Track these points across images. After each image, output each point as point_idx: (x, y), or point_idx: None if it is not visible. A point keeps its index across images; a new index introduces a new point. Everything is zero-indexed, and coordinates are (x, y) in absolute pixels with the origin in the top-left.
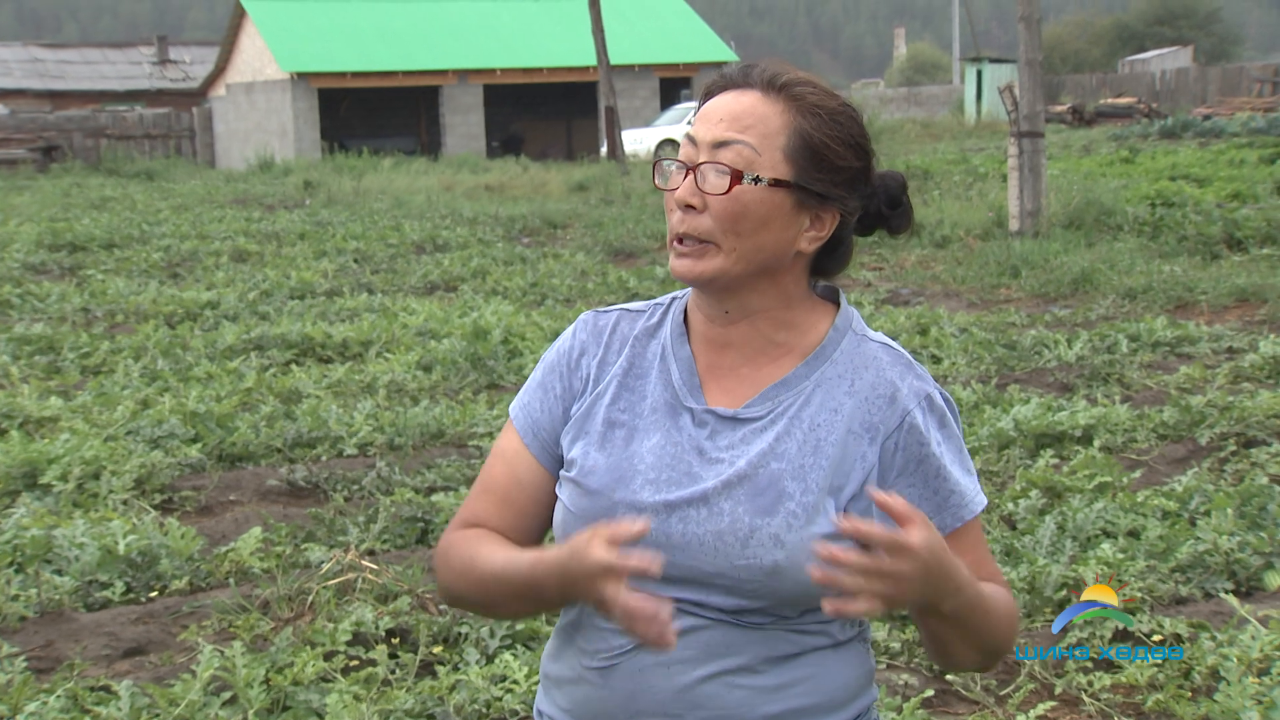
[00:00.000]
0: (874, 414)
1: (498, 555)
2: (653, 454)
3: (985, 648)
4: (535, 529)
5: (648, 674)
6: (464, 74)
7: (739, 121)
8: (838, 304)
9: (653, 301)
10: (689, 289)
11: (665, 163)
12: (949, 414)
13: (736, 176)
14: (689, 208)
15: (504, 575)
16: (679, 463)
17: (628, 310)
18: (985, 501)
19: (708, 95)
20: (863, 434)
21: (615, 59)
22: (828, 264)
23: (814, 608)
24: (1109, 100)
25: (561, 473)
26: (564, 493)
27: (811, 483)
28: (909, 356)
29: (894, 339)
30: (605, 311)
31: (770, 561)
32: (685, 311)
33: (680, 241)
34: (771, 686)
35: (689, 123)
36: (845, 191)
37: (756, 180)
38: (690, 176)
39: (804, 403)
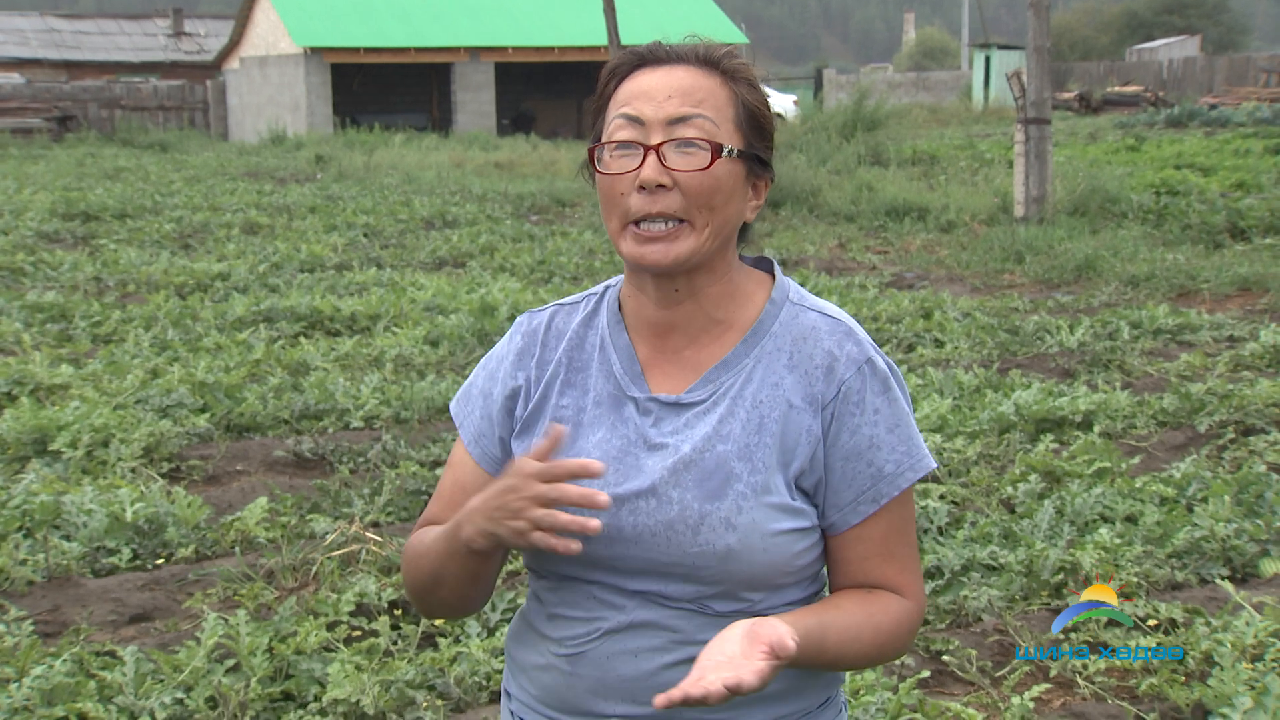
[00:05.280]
0: (814, 385)
1: (438, 530)
2: (599, 449)
3: (855, 667)
4: None
5: (614, 661)
6: (476, 51)
7: (690, 96)
8: (773, 275)
9: (585, 293)
10: (620, 277)
11: (612, 148)
12: (892, 379)
13: (716, 150)
14: (660, 187)
15: (442, 534)
16: (626, 455)
17: (561, 305)
18: (929, 466)
19: (619, 76)
20: (805, 407)
21: (626, 39)
22: (749, 231)
23: (776, 588)
24: (1116, 88)
25: None
26: None
27: (759, 462)
28: (850, 324)
29: (836, 306)
30: (539, 311)
31: (723, 546)
32: (619, 299)
33: (639, 225)
34: None
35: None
36: (772, 155)
37: (730, 152)
38: (652, 156)
39: (745, 380)
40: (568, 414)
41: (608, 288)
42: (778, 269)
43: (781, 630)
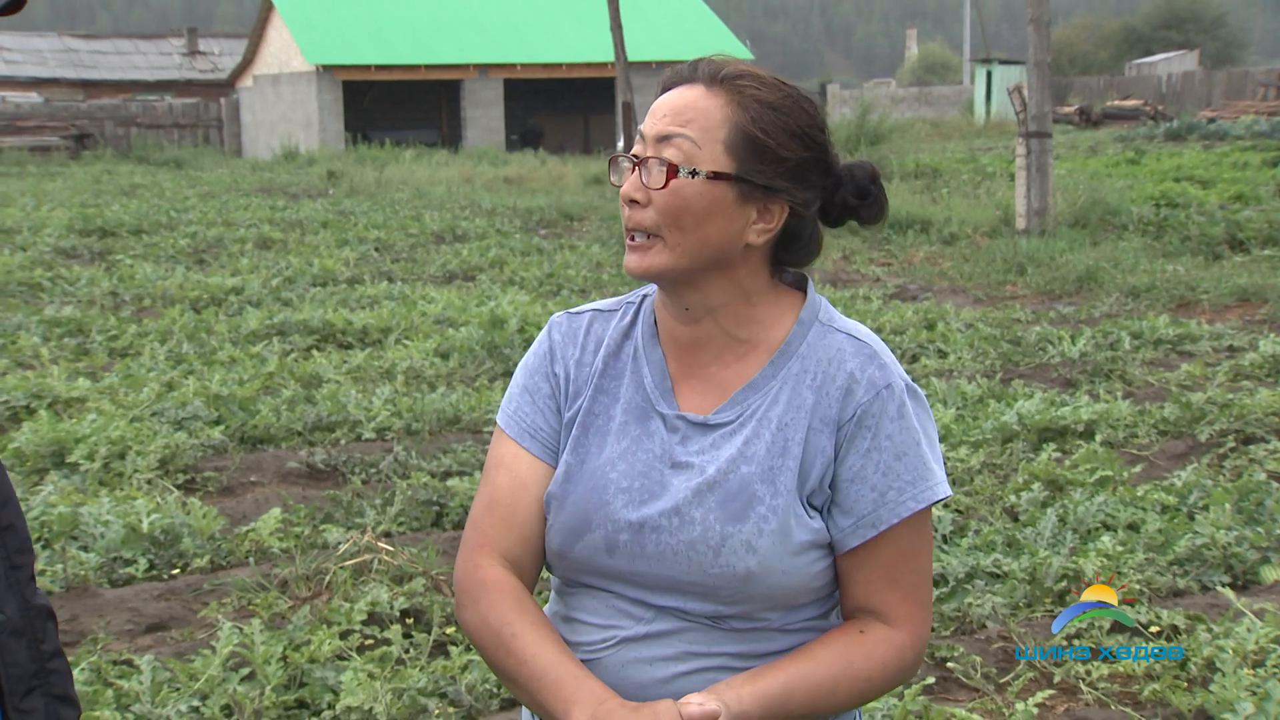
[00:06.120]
0: (831, 407)
1: (544, 653)
2: (625, 461)
3: (834, 714)
4: (542, 538)
5: (629, 669)
6: (485, 68)
7: (681, 115)
8: (806, 292)
9: (622, 299)
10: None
11: (620, 159)
12: (909, 405)
13: (672, 170)
14: (634, 203)
15: (548, 680)
16: (651, 470)
17: (600, 311)
18: (933, 497)
19: (662, 91)
20: (822, 428)
21: (633, 55)
22: (790, 256)
23: (794, 607)
24: (1116, 102)
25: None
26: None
27: (781, 485)
28: (875, 346)
29: (865, 327)
30: (577, 313)
31: (743, 569)
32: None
33: (632, 237)
34: None
35: None
36: (791, 182)
37: (694, 174)
38: (635, 173)
39: (771, 403)
40: (598, 423)
41: (645, 296)
42: (810, 287)
43: None
